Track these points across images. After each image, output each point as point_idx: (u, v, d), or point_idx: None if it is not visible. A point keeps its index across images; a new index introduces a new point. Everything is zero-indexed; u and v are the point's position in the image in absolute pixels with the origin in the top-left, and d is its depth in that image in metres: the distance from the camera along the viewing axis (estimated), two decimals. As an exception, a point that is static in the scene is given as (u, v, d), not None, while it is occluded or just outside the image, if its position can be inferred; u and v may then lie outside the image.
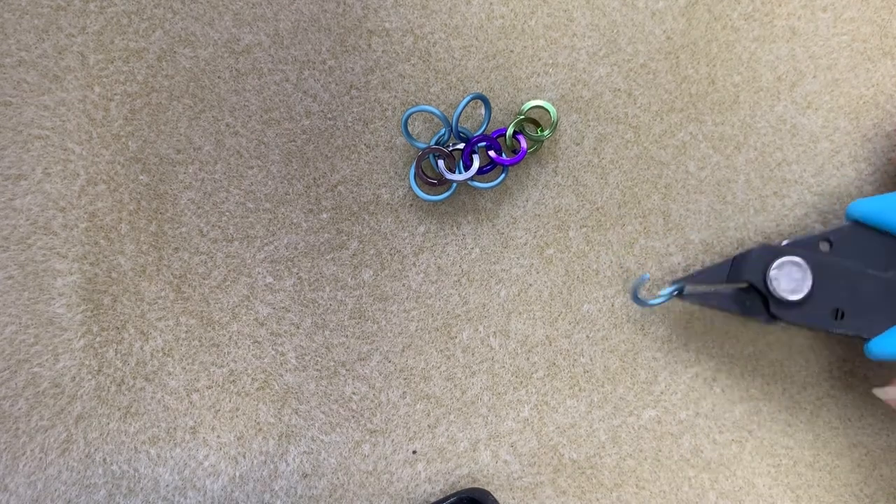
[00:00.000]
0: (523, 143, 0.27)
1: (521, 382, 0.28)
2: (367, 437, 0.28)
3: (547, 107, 0.27)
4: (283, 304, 0.28)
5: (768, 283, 0.24)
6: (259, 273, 0.28)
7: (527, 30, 0.28)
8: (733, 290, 0.25)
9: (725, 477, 0.29)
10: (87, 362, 0.28)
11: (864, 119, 0.28)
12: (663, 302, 0.28)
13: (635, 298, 0.27)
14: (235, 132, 0.28)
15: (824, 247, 0.25)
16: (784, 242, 0.25)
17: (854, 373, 0.28)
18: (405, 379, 0.28)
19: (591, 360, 0.29)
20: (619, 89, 0.28)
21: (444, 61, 0.28)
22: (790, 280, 0.24)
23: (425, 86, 0.28)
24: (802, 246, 0.25)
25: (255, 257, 0.28)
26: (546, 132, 0.27)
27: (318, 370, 0.28)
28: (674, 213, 0.28)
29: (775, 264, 0.24)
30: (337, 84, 0.28)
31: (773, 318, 0.25)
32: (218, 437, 0.28)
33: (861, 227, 0.25)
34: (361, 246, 0.28)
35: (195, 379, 0.28)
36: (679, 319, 0.29)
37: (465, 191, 0.28)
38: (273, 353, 0.28)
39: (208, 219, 0.28)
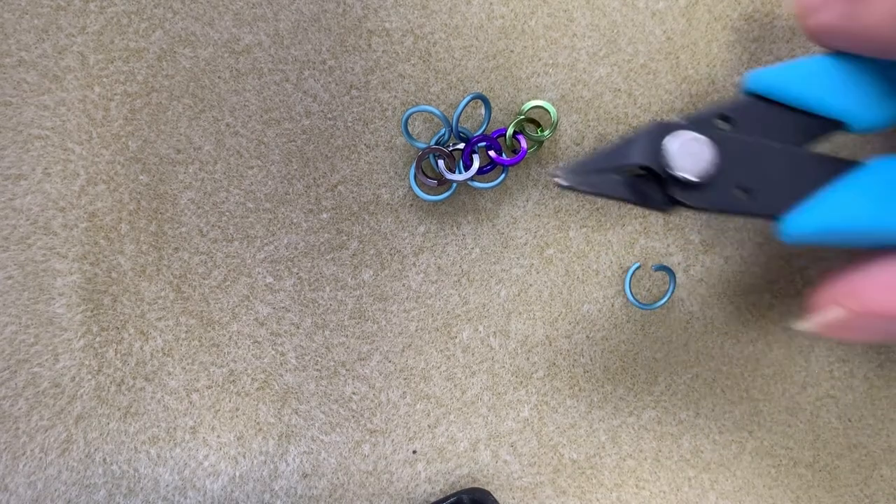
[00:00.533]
0: (523, 144, 0.27)
1: (521, 382, 0.28)
2: (367, 437, 0.28)
3: (547, 107, 0.27)
4: (283, 304, 0.28)
5: (664, 163, 0.21)
6: (259, 273, 0.28)
7: (527, 30, 0.28)
8: (625, 177, 0.21)
9: (725, 477, 0.29)
10: (87, 362, 0.28)
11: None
12: (663, 303, 0.28)
13: (633, 300, 0.27)
14: (235, 132, 0.28)
15: (722, 124, 0.22)
16: (677, 119, 0.22)
17: (854, 373, 0.29)
18: (405, 379, 0.28)
19: (591, 360, 0.29)
20: (619, 89, 0.28)
21: (445, 61, 0.28)
22: (689, 158, 0.21)
23: (425, 86, 0.28)
24: (698, 122, 0.22)
25: (255, 257, 0.28)
26: (546, 132, 0.27)
27: (318, 370, 0.28)
28: (674, 214, 0.28)
29: (672, 141, 0.21)
30: (337, 84, 0.28)
31: (671, 202, 0.22)
32: (218, 437, 0.28)
33: (758, 100, 0.22)
34: (361, 246, 0.28)
35: (195, 379, 0.28)
36: (679, 320, 0.29)
37: (465, 191, 0.28)
38: (273, 353, 0.28)
39: (208, 219, 0.28)
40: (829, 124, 0.22)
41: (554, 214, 0.28)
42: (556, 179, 0.21)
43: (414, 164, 0.27)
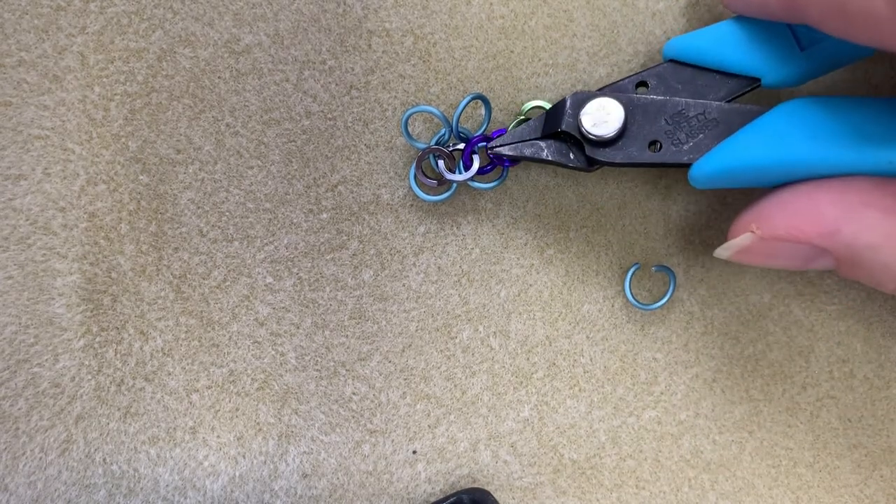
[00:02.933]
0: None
1: (521, 383, 0.28)
2: (367, 438, 0.28)
3: (546, 107, 0.27)
4: (283, 305, 0.28)
5: (580, 125, 0.24)
6: (259, 273, 0.28)
7: (527, 30, 0.28)
8: (549, 142, 0.25)
9: (725, 478, 0.29)
10: (86, 362, 0.28)
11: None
12: (663, 303, 0.28)
13: (633, 301, 0.27)
14: (235, 132, 0.28)
15: (641, 90, 0.25)
16: (597, 89, 0.25)
17: (854, 374, 0.29)
18: (405, 379, 0.28)
19: (591, 360, 0.29)
20: (619, 90, 0.28)
21: (445, 61, 0.28)
22: (602, 120, 0.23)
23: (425, 86, 0.28)
24: (617, 89, 0.24)
25: (255, 257, 0.28)
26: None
27: (318, 370, 0.28)
28: (674, 214, 0.28)
29: (586, 107, 0.24)
30: (337, 84, 0.28)
31: (590, 162, 0.24)
32: (218, 437, 0.28)
33: (677, 65, 0.24)
34: (361, 246, 0.28)
35: (195, 379, 0.28)
36: (679, 320, 0.29)
37: (465, 191, 0.28)
38: (273, 353, 0.28)
39: (208, 219, 0.28)
40: (746, 82, 0.24)
41: (554, 214, 0.28)
42: (491, 151, 0.25)
43: (414, 165, 0.27)
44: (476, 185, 0.27)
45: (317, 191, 0.28)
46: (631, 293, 0.28)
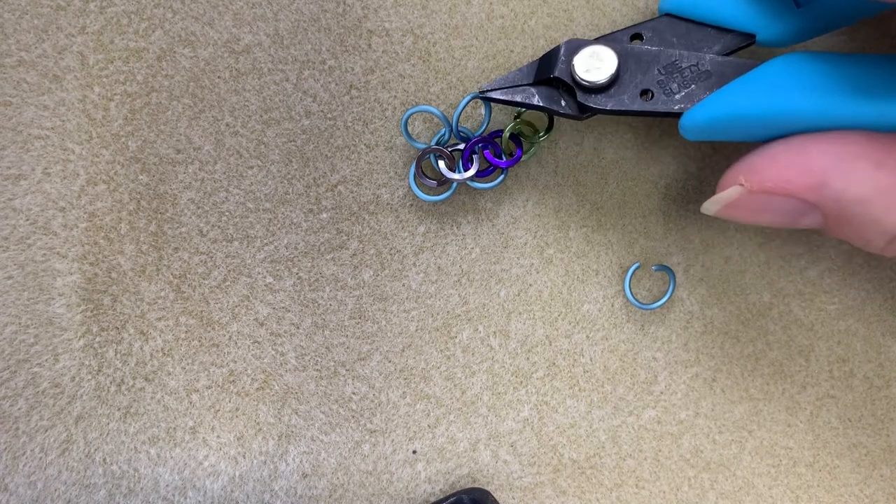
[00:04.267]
0: (520, 146, 0.27)
1: (521, 382, 0.28)
2: (367, 437, 0.28)
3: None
4: (283, 304, 0.28)
5: (573, 71, 0.23)
6: (259, 273, 0.28)
7: (527, 30, 0.28)
8: (541, 88, 0.25)
9: (725, 477, 0.29)
10: (86, 362, 0.28)
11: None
12: (663, 303, 0.28)
13: (633, 300, 0.27)
14: (235, 132, 0.28)
15: (635, 42, 0.24)
16: (593, 39, 0.25)
17: (854, 373, 0.29)
18: (405, 379, 0.28)
19: (591, 360, 0.29)
20: (619, 89, 0.28)
21: (444, 61, 0.28)
22: (594, 66, 0.23)
23: (425, 86, 0.28)
24: (612, 40, 0.24)
25: (255, 257, 0.28)
26: (542, 134, 0.27)
27: (318, 370, 0.28)
28: (674, 214, 0.28)
29: (579, 53, 0.24)
30: (337, 84, 0.28)
31: (582, 110, 0.24)
32: (218, 437, 0.28)
33: (672, 19, 0.24)
34: (361, 246, 0.28)
35: (195, 379, 0.28)
36: (679, 319, 0.29)
37: (465, 191, 0.28)
38: (273, 353, 0.28)
39: (208, 219, 0.28)
40: (741, 38, 0.24)
41: (554, 214, 0.28)
42: (483, 94, 0.25)
43: (414, 165, 0.27)
44: (476, 185, 0.27)
45: (317, 191, 0.28)
46: (631, 293, 0.28)
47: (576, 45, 0.24)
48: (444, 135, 0.27)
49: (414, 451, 0.28)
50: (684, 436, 0.29)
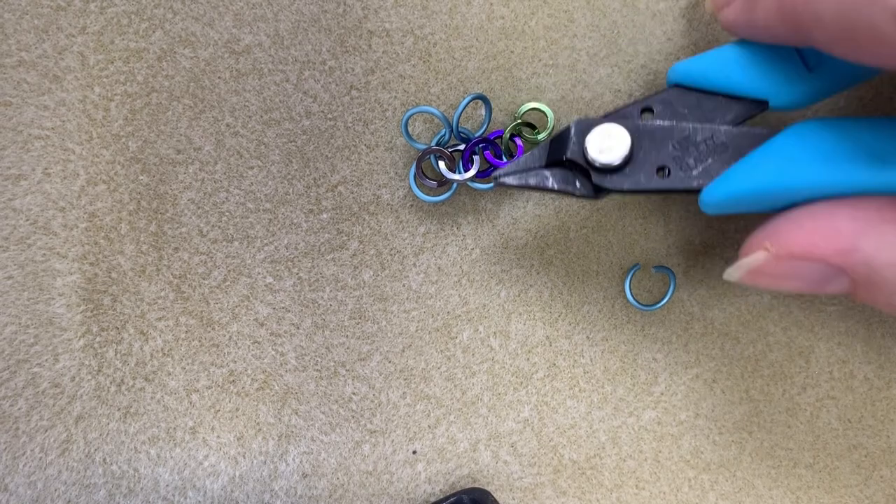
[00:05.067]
0: (520, 146, 0.27)
1: (522, 383, 0.28)
2: (367, 438, 0.28)
3: (544, 109, 0.27)
4: (283, 305, 0.28)
5: (585, 153, 0.23)
6: (259, 273, 0.28)
7: (527, 31, 0.28)
8: (554, 171, 0.24)
9: (725, 478, 0.29)
10: (86, 362, 0.28)
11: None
12: (663, 304, 0.28)
13: (633, 301, 0.26)
14: (235, 132, 0.28)
15: (645, 116, 0.24)
16: (602, 115, 0.24)
17: (854, 374, 0.29)
18: (405, 379, 0.28)
19: (591, 360, 0.29)
20: (619, 90, 0.28)
21: (445, 62, 0.28)
22: (607, 147, 0.23)
23: (425, 86, 0.28)
24: (621, 116, 0.24)
25: (255, 257, 0.28)
26: (542, 135, 0.27)
27: (318, 370, 0.28)
28: (674, 215, 0.28)
29: (591, 134, 0.23)
30: (337, 84, 0.28)
31: (597, 190, 0.24)
32: (218, 437, 0.28)
33: (682, 90, 0.24)
34: (361, 246, 0.28)
35: (195, 379, 0.28)
36: (679, 320, 0.29)
37: (465, 191, 0.28)
38: (273, 353, 0.28)
39: (208, 219, 0.28)
40: (753, 105, 0.23)
41: (554, 215, 0.28)
42: (497, 180, 0.24)
43: (414, 165, 0.27)
44: (476, 185, 0.27)
45: (317, 191, 0.28)
46: (631, 293, 0.28)
47: (586, 125, 0.23)
48: (444, 135, 0.27)
49: (414, 452, 0.28)
50: (684, 437, 0.29)
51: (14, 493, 0.28)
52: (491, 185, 0.27)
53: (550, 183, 0.24)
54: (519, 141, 0.27)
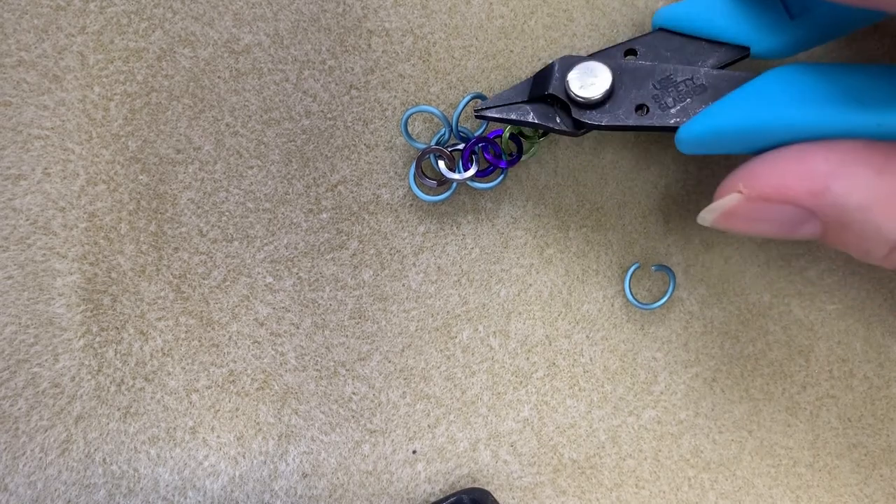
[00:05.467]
0: (520, 145, 0.27)
1: (521, 382, 0.28)
2: (367, 437, 0.28)
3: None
4: (282, 304, 0.28)
5: (567, 87, 0.24)
6: (259, 273, 0.28)
7: (527, 30, 0.28)
8: (535, 106, 0.25)
9: (725, 477, 0.29)
10: (86, 362, 0.28)
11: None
12: (663, 303, 0.28)
13: (632, 300, 0.26)
14: (235, 132, 0.28)
15: (629, 57, 0.25)
16: (587, 55, 0.25)
17: (854, 373, 0.29)
18: (405, 379, 0.28)
19: (590, 360, 0.29)
20: (619, 89, 0.28)
21: (444, 61, 0.28)
22: (589, 82, 0.23)
23: (425, 86, 0.28)
24: (606, 56, 0.24)
25: (254, 257, 0.28)
26: (542, 134, 0.27)
27: (318, 370, 0.28)
28: (674, 213, 0.28)
29: (574, 69, 0.24)
30: (337, 84, 0.28)
31: (577, 126, 0.24)
32: (218, 437, 0.28)
33: (666, 33, 0.25)
34: (361, 246, 0.28)
35: (195, 379, 0.28)
36: (679, 319, 0.29)
37: (465, 191, 0.28)
38: (273, 353, 0.28)
39: (208, 219, 0.28)
40: (735, 51, 0.24)
41: (554, 214, 0.28)
42: (479, 113, 0.25)
43: (414, 165, 0.27)
44: (476, 185, 0.27)
45: (317, 191, 0.28)
46: (631, 293, 0.28)
47: (570, 62, 0.24)
48: (443, 135, 0.27)
49: (414, 451, 0.28)
50: (684, 436, 0.29)
51: (14, 493, 0.28)
52: (491, 184, 0.27)
53: (531, 117, 0.25)
54: (519, 143, 0.27)
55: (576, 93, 0.23)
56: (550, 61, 0.25)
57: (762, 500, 0.29)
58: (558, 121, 0.24)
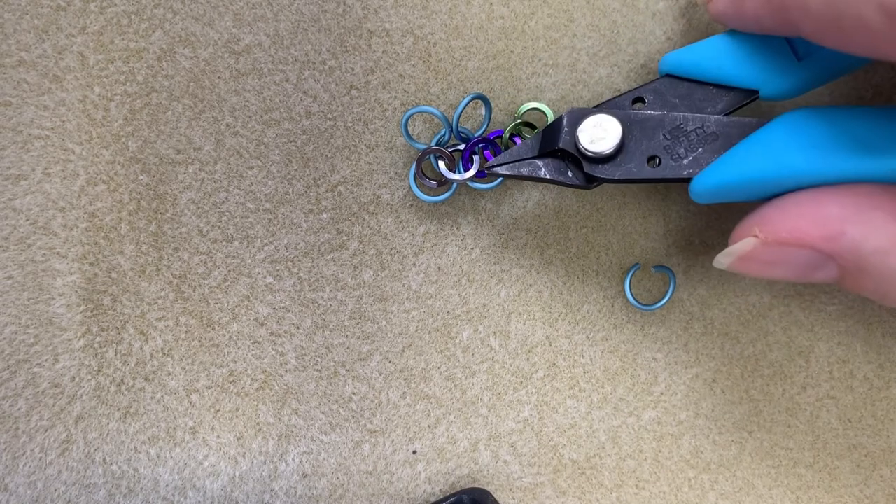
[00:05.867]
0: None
1: (522, 383, 0.28)
2: (367, 438, 0.28)
3: (543, 109, 0.27)
4: (283, 305, 0.28)
5: (577, 142, 0.23)
6: (259, 273, 0.28)
7: (527, 30, 0.28)
8: (546, 161, 0.24)
9: (725, 478, 0.29)
10: (86, 362, 0.28)
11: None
12: (663, 304, 0.28)
13: (633, 301, 0.26)
14: (235, 132, 0.28)
15: (637, 106, 0.24)
16: (593, 107, 0.24)
17: (854, 374, 0.29)
18: (405, 379, 0.28)
19: (591, 360, 0.29)
20: (619, 90, 0.28)
21: (445, 62, 0.28)
22: (599, 136, 0.23)
23: (425, 86, 0.28)
24: (613, 106, 0.24)
25: (255, 257, 0.28)
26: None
27: (318, 370, 0.28)
28: (674, 214, 0.28)
29: (583, 124, 0.23)
30: (337, 84, 0.28)
31: (589, 179, 0.24)
32: (218, 437, 0.28)
33: (673, 80, 0.24)
34: (361, 246, 0.28)
35: (195, 379, 0.28)
36: (679, 320, 0.29)
37: (465, 191, 0.28)
38: (273, 353, 0.28)
39: (208, 219, 0.28)
40: (743, 94, 0.24)
41: (554, 215, 0.28)
42: (490, 170, 0.25)
43: (414, 165, 0.27)
44: (476, 185, 0.27)
45: (317, 191, 0.28)
46: (631, 293, 0.28)
47: (578, 115, 0.24)
48: (444, 135, 0.27)
49: (414, 452, 0.28)
50: (684, 436, 0.29)
51: (14, 493, 0.28)
52: (491, 184, 0.27)
53: (543, 172, 0.24)
54: (519, 140, 0.27)
55: (587, 147, 0.23)
56: (558, 116, 0.24)
57: (762, 500, 0.29)
58: (570, 175, 0.24)
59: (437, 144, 0.27)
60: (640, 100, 0.24)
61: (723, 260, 0.23)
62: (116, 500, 0.28)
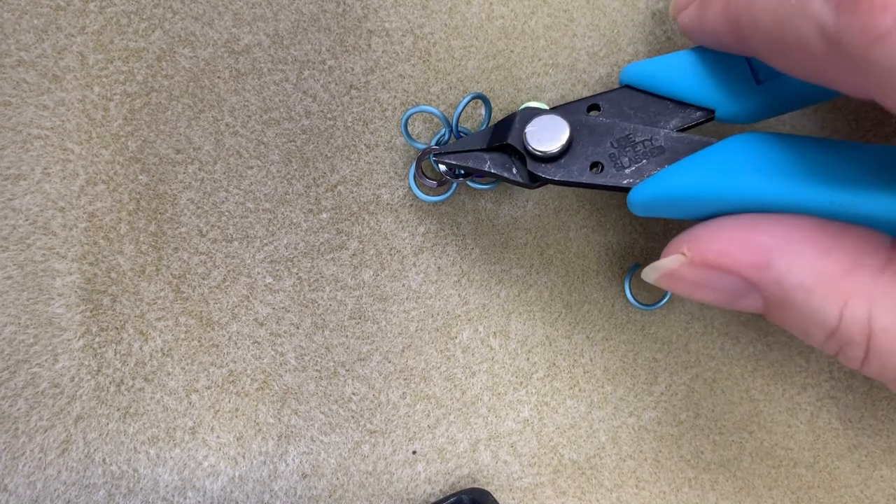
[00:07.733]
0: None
1: (521, 383, 0.28)
2: (367, 438, 0.28)
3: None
4: (282, 305, 0.28)
5: (525, 139, 0.23)
6: (259, 273, 0.28)
7: (527, 30, 0.28)
8: (493, 155, 0.24)
9: (725, 478, 0.29)
10: (86, 362, 0.28)
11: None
12: (663, 304, 0.28)
13: (633, 301, 0.26)
14: (235, 132, 0.28)
15: (592, 113, 0.24)
16: (550, 108, 0.24)
17: (854, 374, 0.28)
18: (405, 379, 0.28)
19: (591, 360, 0.29)
20: (619, 90, 0.28)
21: (444, 61, 0.28)
22: (546, 135, 0.23)
23: (425, 86, 0.28)
24: (569, 110, 0.24)
25: (254, 257, 0.28)
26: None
27: (317, 370, 0.28)
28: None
29: (532, 122, 0.23)
30: (337, 84, 0.28)
31: (532, 178, 0.24)
32: (217, 437, 0.28)
33: (632, 91, 0.24)
34: (361, 246, 0.28)
35: (194, 379, 0.28)
36: (679, 320, 0.29)
37: (465, 191, 0.28)
38: (273, 353, 0.28)
39: (208, 219, 0.28)
40: (700, 113, 0.23)
41: (554, 215, 0.28)
42: (433, 158, 0.25)
43: (414, 165, 0.27)
44: (476, 185, 0.27)
45: (316, 191, 0.28)
46: (631, 293, 0.28)
47: (531, 114, 0.24)
48: (444, 135, 0.27)
49: (414, 452, 0.28)
50: (684, 436, 0.29)
51: (14, 493, 0.28)
52: (491, 185, 0.27)
53: (487, 166, 0.24)
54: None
55: (532, 145, 0.23)
56: (513, 112, 0.25)
57: (762, 501, 0.29)
58: (514, 171, 0.24)
59: (436, 144, 0.27)
60: (595, 107, 0.24)
61: (650, 273, 0.23)
62: (116, 501, 0.28)
